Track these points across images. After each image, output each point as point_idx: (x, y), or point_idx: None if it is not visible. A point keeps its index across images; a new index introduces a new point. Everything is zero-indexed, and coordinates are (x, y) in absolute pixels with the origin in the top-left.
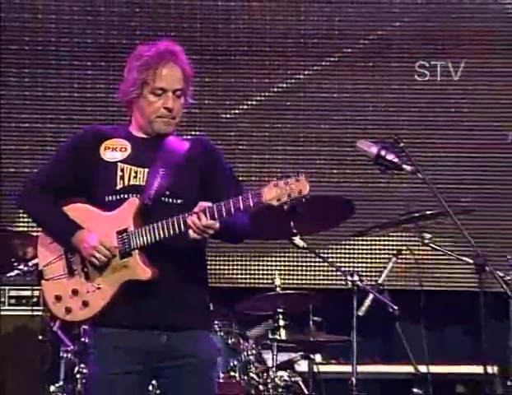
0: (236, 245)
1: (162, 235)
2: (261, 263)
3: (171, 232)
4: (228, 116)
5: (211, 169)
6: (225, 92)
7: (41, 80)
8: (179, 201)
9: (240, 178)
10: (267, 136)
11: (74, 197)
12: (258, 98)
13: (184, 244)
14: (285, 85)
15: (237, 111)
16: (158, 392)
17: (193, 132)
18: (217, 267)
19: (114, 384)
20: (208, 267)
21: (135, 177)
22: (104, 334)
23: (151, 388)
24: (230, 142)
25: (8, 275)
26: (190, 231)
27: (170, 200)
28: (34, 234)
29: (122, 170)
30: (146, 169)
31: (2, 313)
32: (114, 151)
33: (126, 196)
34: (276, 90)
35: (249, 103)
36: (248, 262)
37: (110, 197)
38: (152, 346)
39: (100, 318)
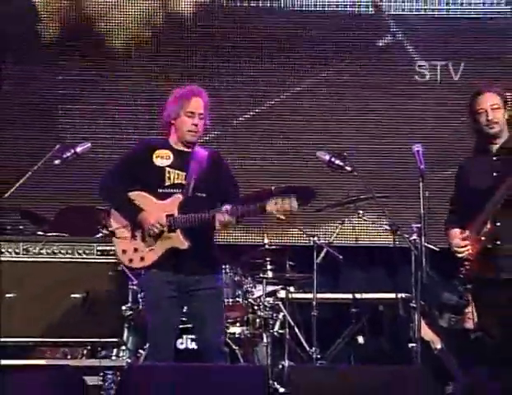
0: None
1: (196, 223)
2: (255, 228)
3: (203, 222)
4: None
5: (223, 175)
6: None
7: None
8: (204, 195)
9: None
10: (257, 142)
11: (135, 186)
12: (251, 113)
13: (206, 226)
14: (273, 102)
15: (235, 122)
16: (184, 319)
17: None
18: (226, 231)
19: (161, 306)
20: (220, 231)
21: (177, 178)
22: (154, 272)
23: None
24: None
25: (96, 236)
26: (217, 223)
27: (199, 194)
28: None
29: (169, 173)
30: (184, 173)
31: (94, 260)
32: (162, 158)
33: (172, 190)
34: (262, 108)
35: (245, 116)
36: (247, 228)
37: (161, 190)
38: (186, 280)
39: (151, 265)
